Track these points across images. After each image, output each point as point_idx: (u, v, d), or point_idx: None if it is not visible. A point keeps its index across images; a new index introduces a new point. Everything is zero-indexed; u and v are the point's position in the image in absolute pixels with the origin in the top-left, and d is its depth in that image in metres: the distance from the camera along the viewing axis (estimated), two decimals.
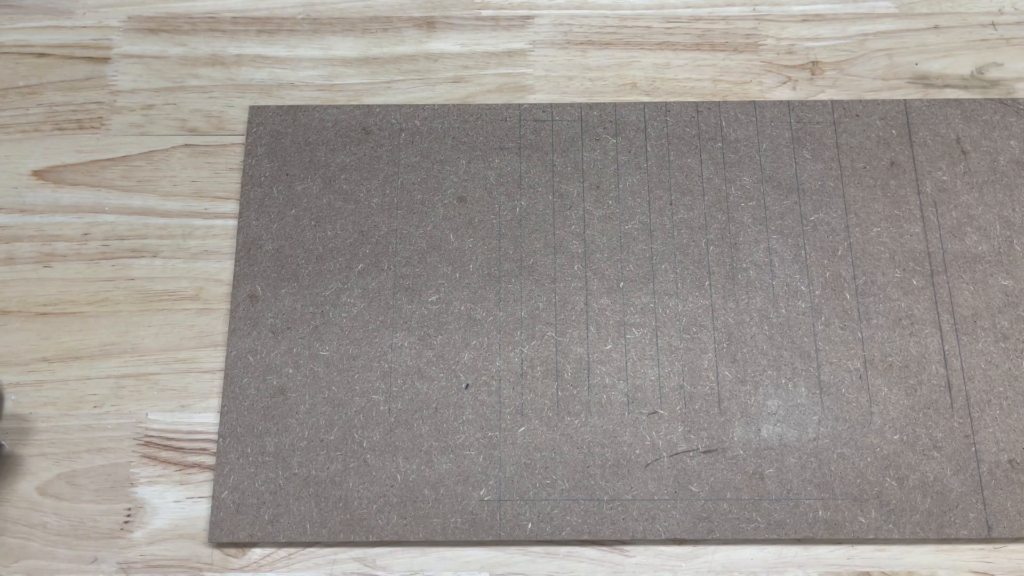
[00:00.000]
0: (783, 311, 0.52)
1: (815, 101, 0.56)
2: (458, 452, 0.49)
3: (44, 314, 0.52)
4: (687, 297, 0.52)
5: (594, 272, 0.52)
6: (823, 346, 0.51)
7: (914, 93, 0.57)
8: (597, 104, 0.56)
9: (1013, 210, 0.54)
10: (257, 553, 0.48)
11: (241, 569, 0.47)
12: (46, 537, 0.48)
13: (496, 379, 0.50)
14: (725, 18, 0.60)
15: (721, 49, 0.59)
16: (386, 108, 0.56)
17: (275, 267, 0.52)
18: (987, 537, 0.47)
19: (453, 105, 0.56)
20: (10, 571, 0.47)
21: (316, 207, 0.54)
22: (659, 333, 0.51)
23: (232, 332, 0.51)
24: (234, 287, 0.52)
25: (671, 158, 0.55)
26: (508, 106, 0.56)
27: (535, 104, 0.56)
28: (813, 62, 0.58)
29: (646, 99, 0.57)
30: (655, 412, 0.50)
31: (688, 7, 0.60)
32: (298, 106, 0.56)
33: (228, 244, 0.54)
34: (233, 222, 0.54)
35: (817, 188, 0.54)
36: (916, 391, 0.50)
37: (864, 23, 0.59)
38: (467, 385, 0.50)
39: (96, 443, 0.50)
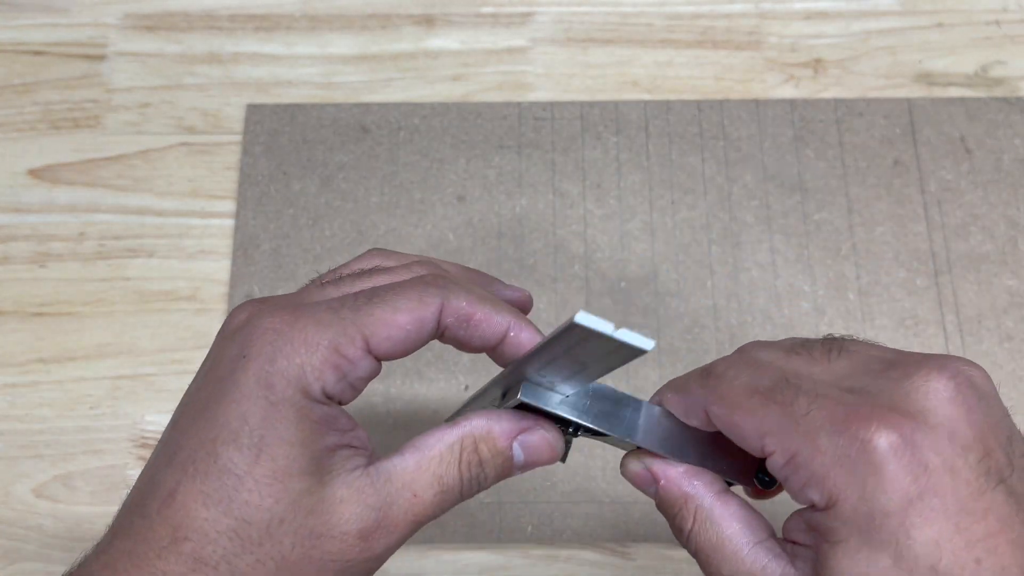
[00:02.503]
0: (786, 311, 0.51)
1: (818, 99, 0.56)
2: None
3: (39, 314, 0.52)
4: (689, 297, 0.51)
5: (595, 272, 0.52)
6: None
7: (918, 91, 0.57)
8: (598, 102, 0.56)
9: (1018, 209, 0.53)
10: None
11: None
12: (41, 540, 0.47)
13: None
14: (727, 15, 0.59)
15: (723, 47, 0.58)
16: (385, 106, 0.56)
17: (272, 267, 0.52)
18: None
19: (452, 103, 0.56)
20: (5, 574, 0.47)
21: (314, 206, 0.53)
22: (661, 333, 0.51)
23: None
24: (231, 287, 0.52)
25: (673, 157, 0.54)
26: (508, 104, 0.56)
27: (535, 102, 0.56)
28: (816, 60, 0.58)
29: (647, 97, 0.57)
30: None
31: (690, 4, 0.59)
32: (296, 104, 0.56)
33: (225, 244, 0.53)
34: (230, 221, 0.54)
35: (820, 187, 0.54)
36: None
37: (867, 21, 0.59)
38: (467, 387, 0.50)
39: (92, 445, 0.49)
